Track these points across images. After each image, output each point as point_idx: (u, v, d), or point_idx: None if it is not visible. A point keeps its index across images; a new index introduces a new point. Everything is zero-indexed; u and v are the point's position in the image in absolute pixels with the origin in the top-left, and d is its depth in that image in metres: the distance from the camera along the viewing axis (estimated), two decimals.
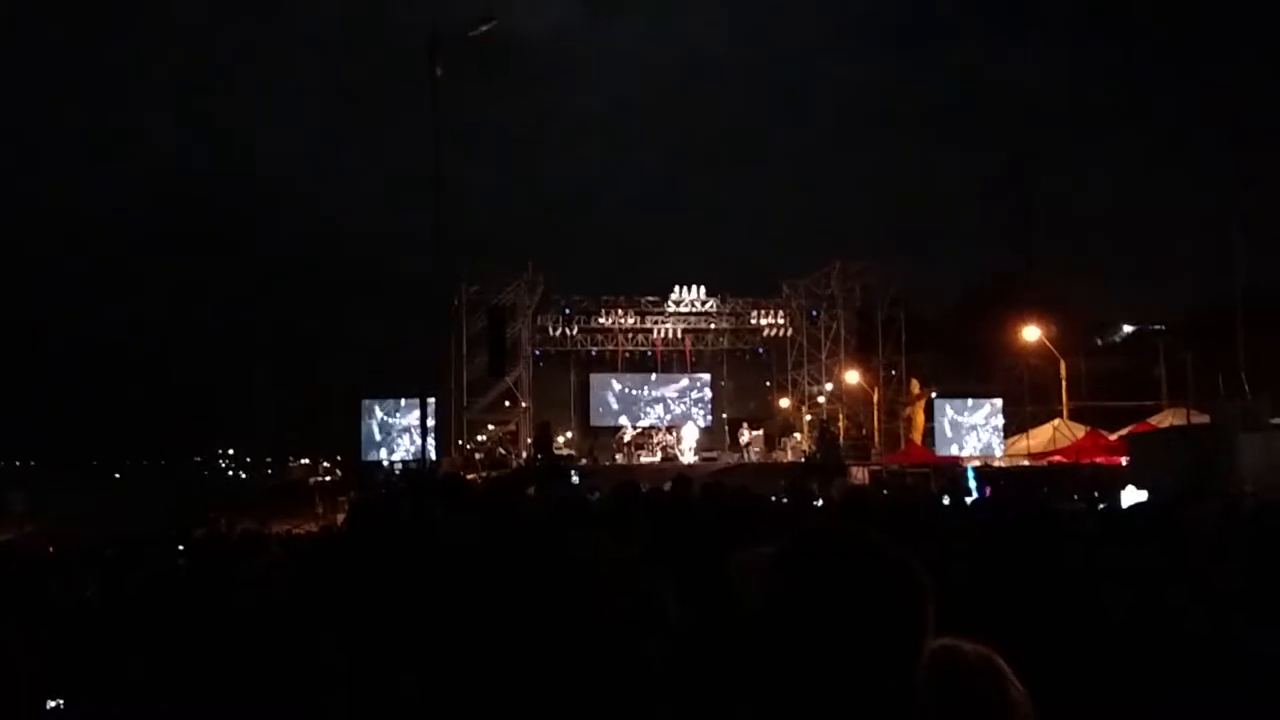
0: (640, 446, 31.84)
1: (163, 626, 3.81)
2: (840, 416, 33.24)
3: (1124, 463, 20.53)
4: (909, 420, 32.37)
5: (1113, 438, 25.08)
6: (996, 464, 27.18)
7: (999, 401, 30.27)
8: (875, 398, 32.32)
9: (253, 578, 4.20)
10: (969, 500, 10.64)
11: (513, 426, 32.48)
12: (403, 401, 29.61)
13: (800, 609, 1.26)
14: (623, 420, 33.40)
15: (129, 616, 4.37)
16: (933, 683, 1.29)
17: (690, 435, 32.05)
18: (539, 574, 1.57)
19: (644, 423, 33.43)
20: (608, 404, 33.96)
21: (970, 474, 12.46)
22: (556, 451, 29.87)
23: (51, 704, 3.31)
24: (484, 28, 16.86)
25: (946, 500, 10.50)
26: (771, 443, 32.50)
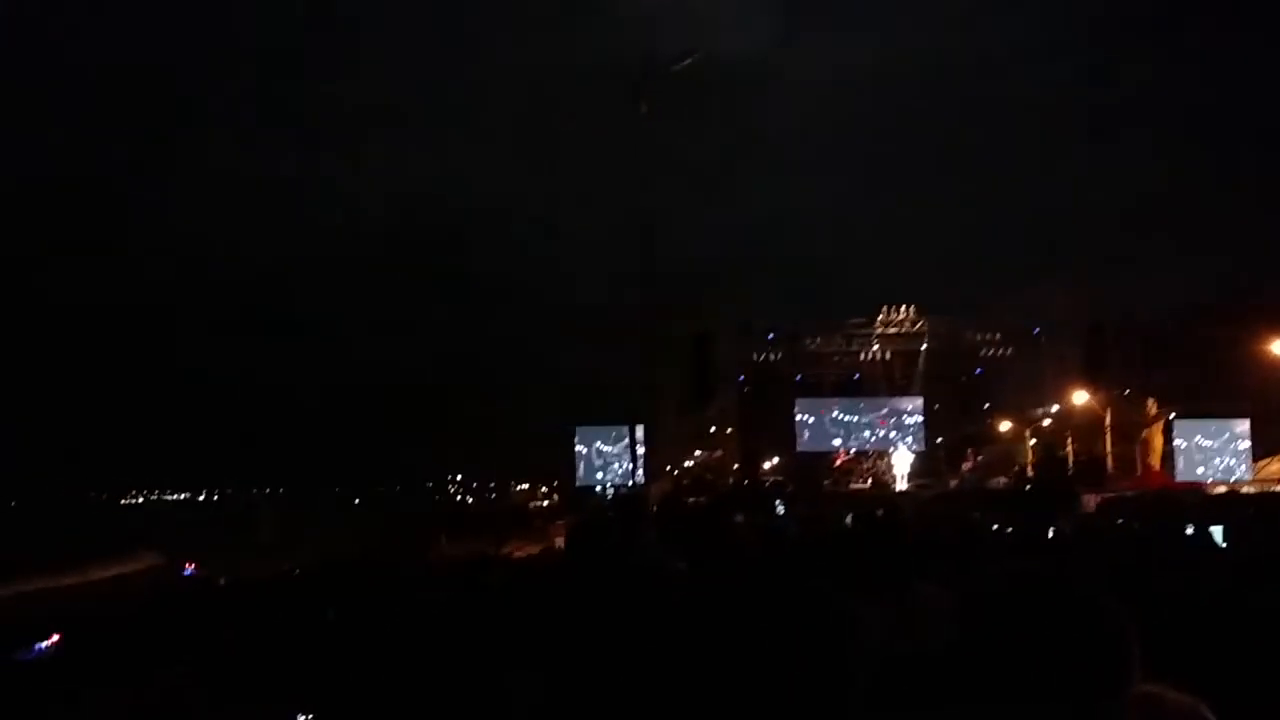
0: (849, 472, 31.19)
1: (395, 645, 4.11)
2: (1067, 440, 31.33)
3: None
4: (1146, 443, 30.14)
5: None
6: (1245, 489, 24.90)
7: (1245, 423, 27.72)
8: (1107, 420, 30.28)
9: (479, 595, 4.46)
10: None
11: (719, 453, 32.66)
12: (614, 430, 30.40)
13: (992, 652, 1.25)
14: (831, 445, 32.81)
15: (366, 634, 4.74)
16: None
17: (902, 461, 31.08)
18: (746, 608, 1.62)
19: (853, 448, 32.73)
20: (814, 429, 33.48)
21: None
22: (763, 478, 29.77)
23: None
24: (687, 61, 17.22)
25: (1191, 530, 9.69)
26: (991, 469, 31.03)
